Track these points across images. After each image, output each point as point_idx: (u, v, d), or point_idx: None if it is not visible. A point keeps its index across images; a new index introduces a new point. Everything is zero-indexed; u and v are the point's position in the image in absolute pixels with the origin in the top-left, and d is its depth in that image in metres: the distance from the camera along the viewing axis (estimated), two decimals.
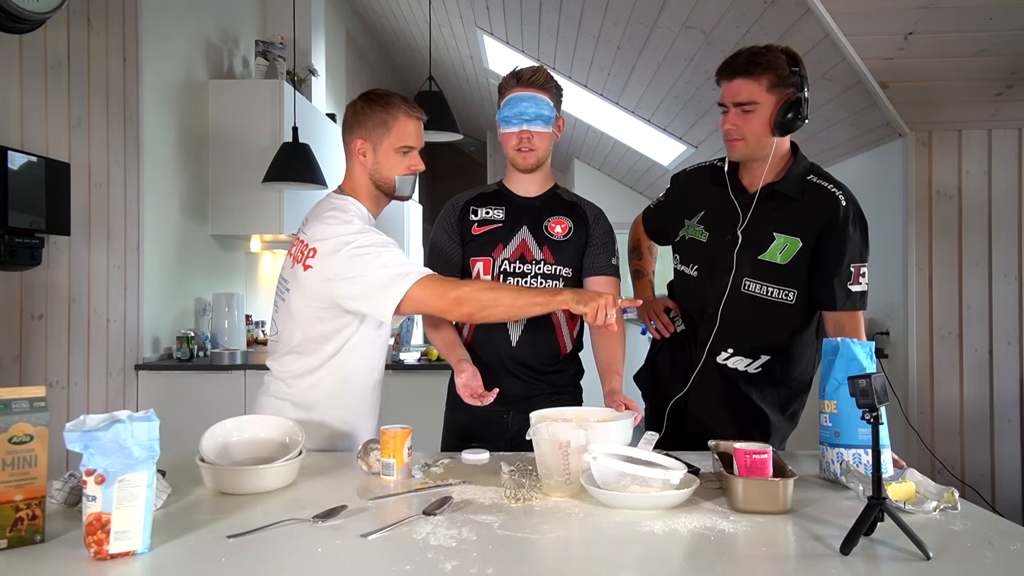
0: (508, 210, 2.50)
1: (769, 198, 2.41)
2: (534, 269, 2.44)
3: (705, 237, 2.49)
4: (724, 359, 2.45)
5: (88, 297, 3.94)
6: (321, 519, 1.57)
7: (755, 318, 2.41)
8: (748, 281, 2.40)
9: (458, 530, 1.52)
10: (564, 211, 2.52)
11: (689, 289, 2.54)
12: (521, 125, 2.38)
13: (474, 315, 2.11)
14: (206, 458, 1.87)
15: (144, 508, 1.41)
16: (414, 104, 2.30)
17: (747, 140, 2.36)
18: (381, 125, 2.26)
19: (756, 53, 2.33)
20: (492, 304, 2.09)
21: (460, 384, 2.26)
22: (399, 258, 2.12)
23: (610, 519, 1.61)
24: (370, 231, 2.16)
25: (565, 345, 2.48)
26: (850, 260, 2.35)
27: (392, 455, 1.90)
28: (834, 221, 2.34)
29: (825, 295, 2.37)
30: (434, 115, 6.43)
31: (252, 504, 1.72)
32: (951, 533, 1.54)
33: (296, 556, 1.40)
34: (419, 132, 2.31)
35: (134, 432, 1.41)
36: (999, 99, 3.95)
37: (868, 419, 1.54)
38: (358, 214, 2.25)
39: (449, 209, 2.56)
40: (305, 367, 2.26)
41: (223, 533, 1.50)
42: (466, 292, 2.09)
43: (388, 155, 2.28)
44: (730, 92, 2.35)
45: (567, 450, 1.74)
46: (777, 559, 1.41)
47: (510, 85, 2.42)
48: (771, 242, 2.38)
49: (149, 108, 4.50)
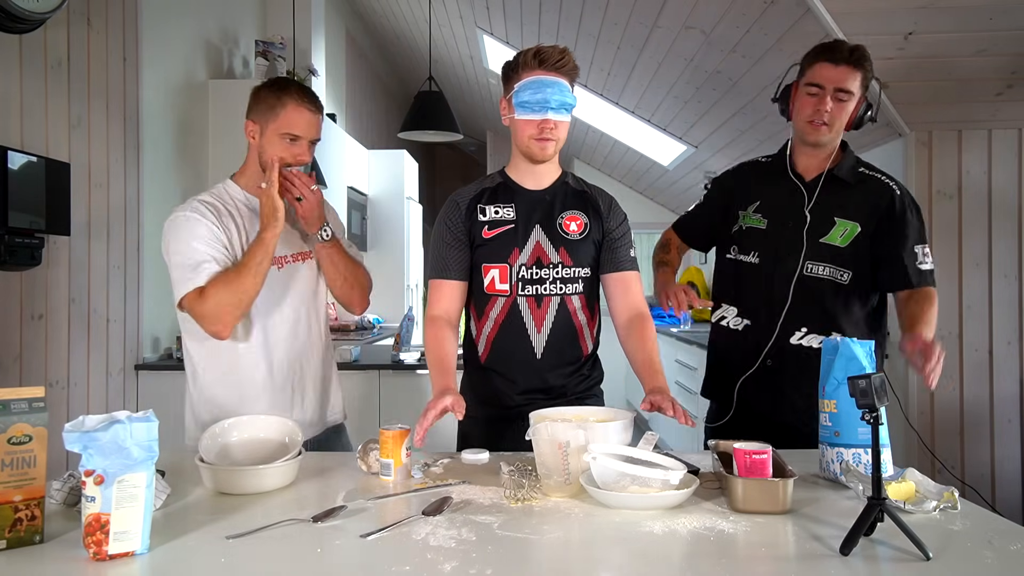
0: (518, 207, 2.34)
1: (829, 184, 2.54)
2: (552, 274, 2.31)
3: (765, 224, 2.59)
4: (798, 339, 2.52)
5: (88, 297, 3.94)
6: (320, 519, 1.58)
7: (820, 298, 2.51)
8: (810, 264, 2.51)
9: (457, 530, 1.52)
10: (576, 203, 2.38)
11: (751, 277, 2.61)
12: (545, 113, 2.20)
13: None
14: (205, 458, 1.88)
15: (143, 508, 1.41)
16: (311, 97, 2.36)
17: (832, 127, 2.47)
18: (270, 109, 2.33)
19: (858, 47, 2.45)
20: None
21: (440, 408, 2.01)
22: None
23: (610, 519, 1.61)
24: (184, 244, 2.24)
25: (587, 347, 2.40)
26: (914, 242, 2.50)
27: (391, 455, 1.90)
28: (892, 209, 2.50)
29: (898, 276, 2.50)
30: (434, 115, 6.48)
31: (251, 504, 1.72)
32: (951, 533, 1.54)
33: (295, 556, 1.40)
34: (309, 123, 2.34)
35: (133, 433, 1.42)
36: (999, 99, 3.95)
37: (868, 419, 1.55)
38: (215, 205, 2.32)
39: (452, 208, 2.38)
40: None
41: (222, 533, 1.50)
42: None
43: (271, 139, 2.33)
44: (834, 77, 2.43)
45: (567, 450, 1.74)
46: (777, 559, 1.42)
47: (529, 66, 2.22)
48: (832, 226, 2.51)
49: (149, 108, 4.49)
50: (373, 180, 7.96)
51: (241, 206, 2.37)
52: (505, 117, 2.31)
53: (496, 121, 10.53)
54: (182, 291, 2.21)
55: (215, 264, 2.21)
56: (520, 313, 2.32)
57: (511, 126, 2.31)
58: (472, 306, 2.40)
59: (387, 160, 8.08)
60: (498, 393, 2.35)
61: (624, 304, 2.37)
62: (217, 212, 2.30)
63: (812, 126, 2.48)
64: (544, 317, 2.32)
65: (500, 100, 2.34)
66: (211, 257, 2.22)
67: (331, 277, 2.47)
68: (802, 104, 2.51)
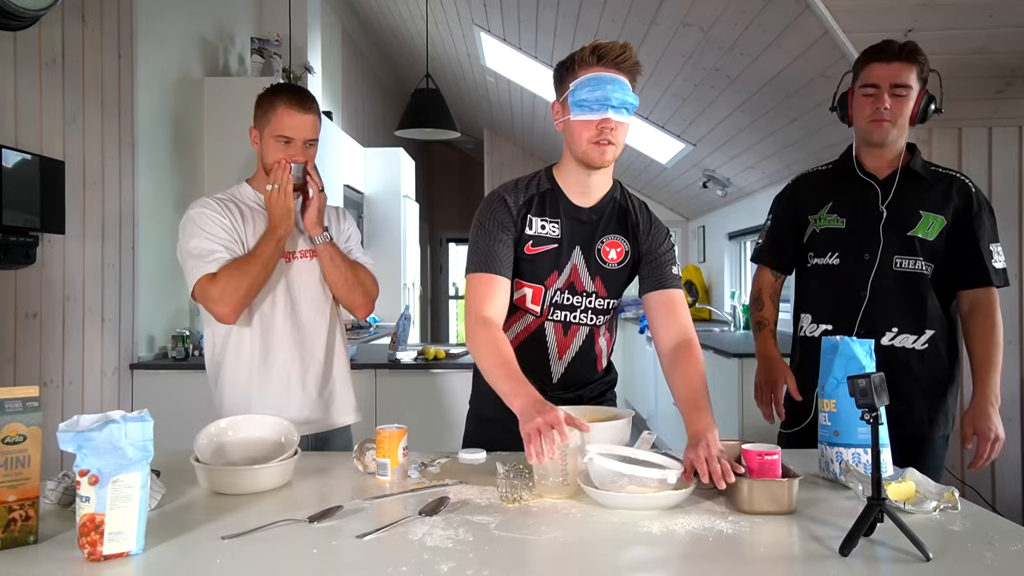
0: (563, 225, 2.18)
1: (905, 179, 2.54)
2: (584, 303, 2.21)
3: (843, 223, 2.58)
4: (890, 339, 2.50)
5: (83, 296, 3.93)
6: (316, 520, 1.57)
7: (908, 294, 2.50)
8: (899, 258, 2.50)
9: (454, 531, 1.51)
10: (619, 226, 2.23)
11: (833, 279, 2.59)
12: (606, 112, 2.00)
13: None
14: (201, 458, 1.87)
15: (138, 509, 1.41)
16: (301, 98, 2.44)
17: (895, 123, 2.48)
18: (264, 115, 2.44)
19: (909, 43, 2.47)
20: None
21: (543, 423, 1.71)
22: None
23: (607, 520, 1.61)
24: (197, 235, 2.37)
25: (602, 364, 2.33)
26: (989, 240, 2.52)
27: (387, 455, 1.89)
28: (970, 205, 2.52)
29: (976, 274, 2.51)
30: (431, 112, 6.47)
31: (247, 504, 1.71)
32: (951, 533, 1.53)
33: (291, 557, 1.40)
34: (300, 124, 2.42)
35: (128, 432, 1.41)
36: (999, 96, 3.95)
37: (868, 419, 1.54)
38: (227, 201, 2.47)
39: (500, 205, 2.17)
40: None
41: (218, 534, 1.49)
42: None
43: (268, 143, 2.44)
44: (888, 74, 2.45)
45: (564, 451, 1.74)
46: (776, 560, 1.42)
47: (587, 63, 2.04)
48: (918, 219, 2.51)
49: (144, 105, 4.48)
50: (369, 178, 7.95)
51: (254, 205, 2.50)
52: (558, 121, 2.14)
53: (493, 119, 10.53)
54: (195, 277, 2.35)
55: (226, 253, 2.36)
56: (545, 337, 2.23)
57: (565, 130, 2.12)
58: None
59: (384, 158, 8.08)
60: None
61: (670, 329, 2.17)
62: (228, 208, 2.44)
63: (874, 124, 2.48)
64: (568, 346, 2.24)
65: (552, 104, 2.18)
66: (222, 247, 2.36)
67: (332, 278, 2.51)
68: (860, 105, 2.52)
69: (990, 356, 2.49)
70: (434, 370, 4.52)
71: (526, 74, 7.57)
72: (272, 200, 2.38)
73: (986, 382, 2.49)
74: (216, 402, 2.49)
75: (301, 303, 2.49)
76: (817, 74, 4.30)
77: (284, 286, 2.47)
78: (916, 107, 2.50)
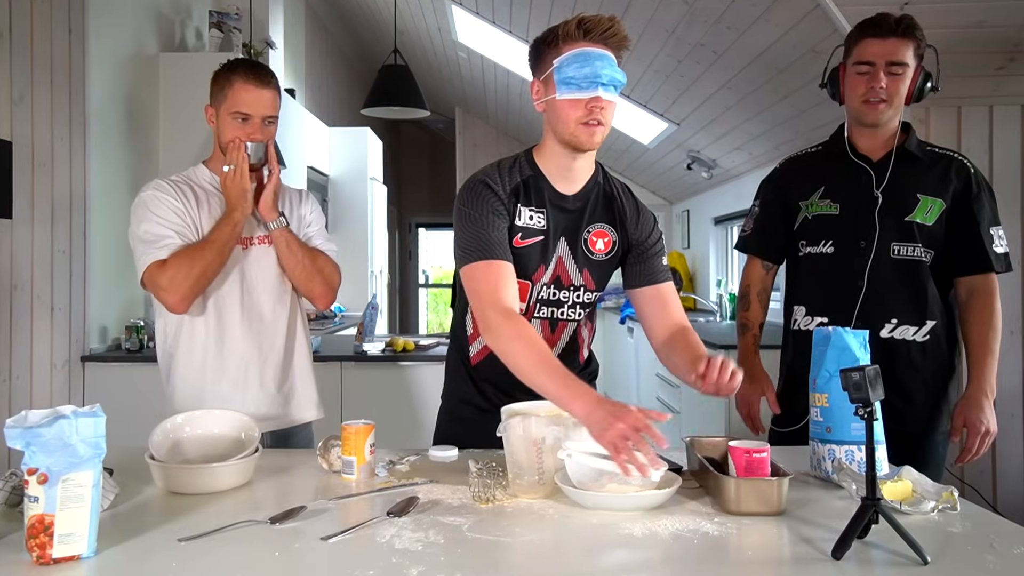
0: (549, 214, 2.13)
1: (900, 161, 2.52)
2: (572, 297, 2.17)
3: (837, 209, 2.56)
4: (890, 331, 2.49)
5: (31, 284, 3.90)
6: (278, 521, 1.57)
7: (907, 282, 2.49)
8: (897, 245, 2.48)
9: (424, 532, 1.52)
10: (605, 214, 2.19)
11: (828, 269, 2.56)
12: (596, 90, 1.94)
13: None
14: (156, 456, 1.87)
15: (90, 509, 1.40)
16: (258, 73, 2.42)
17: (890, 103, 2.45)
18: (220, 91, 2.43)
19: (905, 17, 2.43)
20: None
21: (629, 429, 1.64)
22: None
23: (586, 521, 1.61)
24: (148, 220, 2.36)
25: (584, 355, 2.32)
26: (989, 223, 2.51)
27: (353, 452, 1.89)
28: (969, 186, 2.51)
29: (976, 259, 2.50)
30: (399, 90, 6.43)
31: (205, 505, 1.71)
32: (950, 536, 1.54)
33: (252, 560, 1.40)
34: (257, 100, 2.41)
35: (79, 428, 1.41)
36: (1000, 73, 3.94)
37: (862, 414, 1.53)
38: (181, 184, 2.46)
39: (487, 192, 2.08)
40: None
41: (174, 536, 1.49)
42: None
43: (225, 120, 2.43)
44: (883, 51, 2.42)
45: (541, 447, 1.74)
46: (765, 564, 1.42)
47: (572, 37, 1.98)
48: (916, 203, 2.49)
49: (96, 83, 4.43)
50: (334, 159, 7.92)
51: (210, 188, 2.49)
52: (540, 101, 2.07)
53: (466, 97, 10.49)
54: (144, 264, 2.33)
55: (178, 238, 2.34)
56: None
57: (548, 111, 2.05)
58: None
59: (349, 138, 8.03)
60: (485, 395, 2.26)
61: (663, 322, 2.19)
62: (182, 191, 2.43)
63: (868, 106, 2.45)
64: (555, 344, 2.21)
65: (531, 84, 2.11)
66: (174, 232, 2.35)
67: (288, 265, 2.50)
68: (854, 84, 2.48)
69: (987, 345, 2.51)
70: (403, 362, 4.51)
71: (500, 50, 7.53)
72: (227, 181, 2.38)
73: (982, 372, 2.50)
74: (168, 396, 2.48)
75: (259, 292, 2.49)
76: (808, 49, 4.29)
77: (240, 274, 2.46)
78: (912, 86, 2.47)
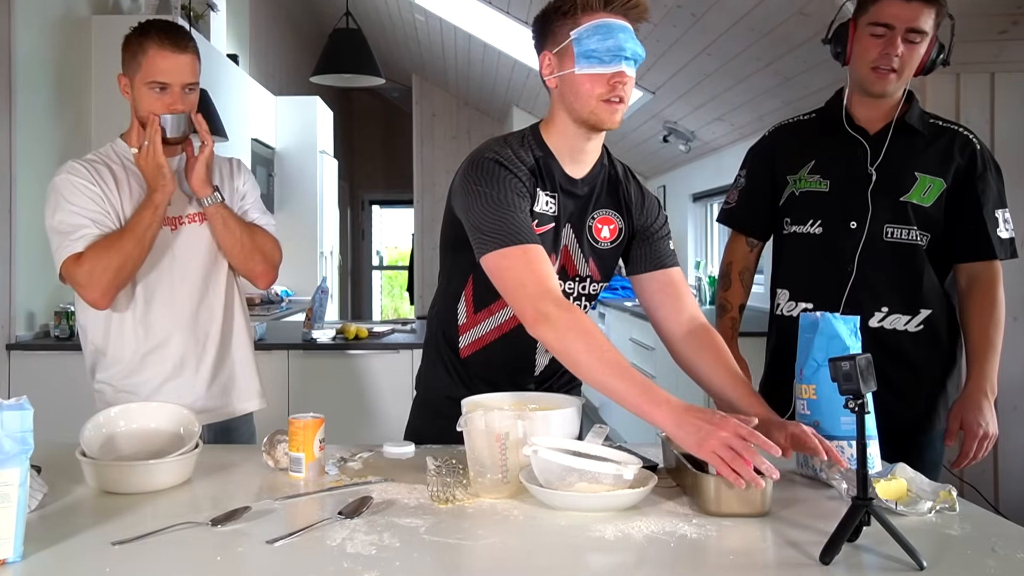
0: (559, 199, 2.08)
1: (899, 135, 2.46)
2: (577, 289, 2.15)
3: (827, 186, 2.50)
4: (880, 320, 2.45)
5: None
6: (220, 523, 1.56)
7: (900, 268, 2.45)
8: (890, 227, 2.44)
9: (379, 535, 1.51)
10: (610, 199, 2.16)
11: (814, 250, 2.52)
12: (619, 64, 1.91)
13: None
14: (88, 452, 1.85)
15: (16, 510, 1.39)
16: (174, 36, 2.35)
17: (900, 73, 2.38)
18: (133, 59, 2.35)
19: None
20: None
21: (734, 438, 1.61)
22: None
23: (554, 522, 1.60)
24: (62, 208, 2.31)
25: None
26: (995, 206, 2.46)
27: (301, 448, 1.88)
28: (973, 164, 2.45)
29: (978, 245, 2.46)
30: (352, 56, 6.39)
31: (141, 505, 1.70)
32: (948, 538, 1.53)
33: (191, 565, 1.39)
34: (175, 66, 2.34)
35: (4, 422, 1.39)
36: (1003, 38, 3.90)
37: (852, 407, 1.50)
38: (98, 164, 2.39)
39: (506, 174, 1.99)
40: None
41: (107, 539, 1.48)
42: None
43: (141, 91, 2.35)
44: (906, 15, 2.32)
45: (504, 443, 1.73)
46: (747, 569, 1.41)
47: (592, 8, 1.93)
48: (913, 182, 2.44)
49: (23, 48, 4.36)
50: (281, 131, 7.87)
51: (129, 164, 2.42)
52: (551, 77, 2.02)
53: (423, 63, 10.45)
54: (60, 258, 2.27)
55: (94, 228, 2.28)
56: None
57: (562, 86, 2.00)
58: (471, 292, 2.18)
59: (297, 108, 8.00)
60: (476, 392, 2.15)
61: (678, 315, 2.16)
62: (99, 172, 2.36)
63: (878, 74, 2.38)
64: None
65: (541, 57, 2.05)
66: (90, 220, 2.29)
67: (225, 244, 2.47)
68: (865, 47, 2.39)
69: (988, 340, 2.46)
70: (355, 351, 4.49)
71: (461, 12, 7.49)
72: (140, 161, 2.33)
73: (981, 369, 2.46)
74: (97, 392, 2.46)
75: (191, 275, 2.46)
76: (795, 11, 4.26)
77: (171, 257, 2.43)
78: (927, 56, 2.41)
